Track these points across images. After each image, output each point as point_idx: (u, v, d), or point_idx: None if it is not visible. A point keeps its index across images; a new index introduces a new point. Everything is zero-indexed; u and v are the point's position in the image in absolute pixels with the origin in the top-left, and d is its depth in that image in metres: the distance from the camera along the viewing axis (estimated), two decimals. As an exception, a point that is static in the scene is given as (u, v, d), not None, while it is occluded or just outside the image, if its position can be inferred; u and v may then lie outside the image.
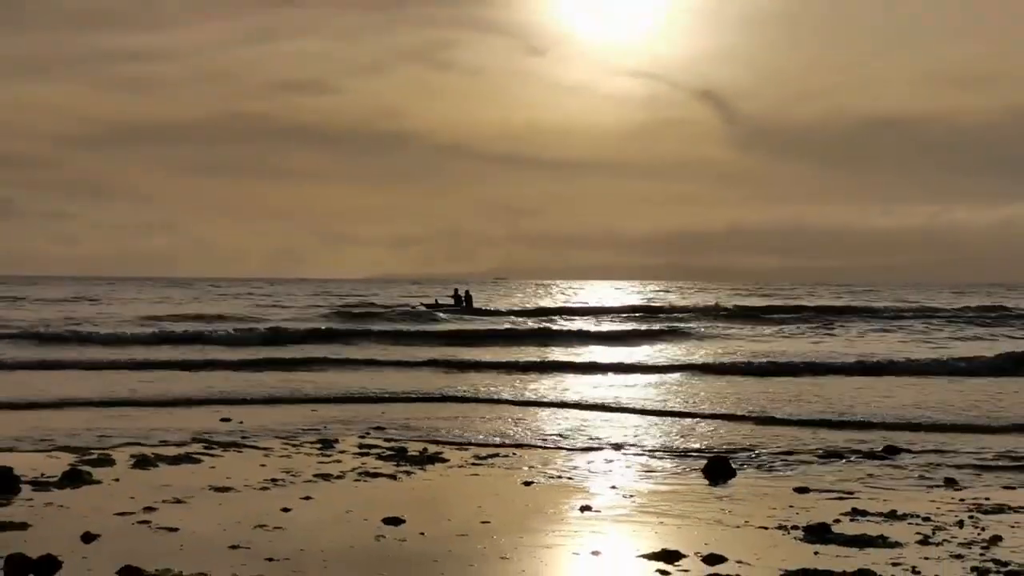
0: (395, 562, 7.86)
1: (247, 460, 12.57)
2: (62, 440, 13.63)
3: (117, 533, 8.59)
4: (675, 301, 76.20)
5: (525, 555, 8.18)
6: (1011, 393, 21.46)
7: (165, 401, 18.62)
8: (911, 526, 9.32)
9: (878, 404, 19.37)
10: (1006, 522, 9.54)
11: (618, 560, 8.09)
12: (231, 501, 10.11)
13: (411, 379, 23.61)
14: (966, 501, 10.60)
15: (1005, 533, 9.03)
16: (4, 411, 16.81)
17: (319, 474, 11.64)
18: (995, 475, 12.25)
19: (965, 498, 10.78)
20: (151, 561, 7.57)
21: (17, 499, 9.93)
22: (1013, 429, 16.09)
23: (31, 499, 9.96)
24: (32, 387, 20.74)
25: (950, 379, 24.41)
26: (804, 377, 24.91)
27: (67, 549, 7.84)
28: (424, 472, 12.04)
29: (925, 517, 9.67)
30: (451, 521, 9.30)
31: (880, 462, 13.11)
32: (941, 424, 16.63)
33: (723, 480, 11.69)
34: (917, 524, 9.39)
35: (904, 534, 8.95)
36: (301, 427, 15.52)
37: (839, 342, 38.63)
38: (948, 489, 11.35)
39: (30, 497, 10.04)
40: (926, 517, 9.67)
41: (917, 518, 9.63)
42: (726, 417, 17.46)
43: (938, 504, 10.40)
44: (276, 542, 8.36)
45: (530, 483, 11.40)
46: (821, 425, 16.51)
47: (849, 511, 9.92)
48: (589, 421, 16.81)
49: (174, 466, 12.03)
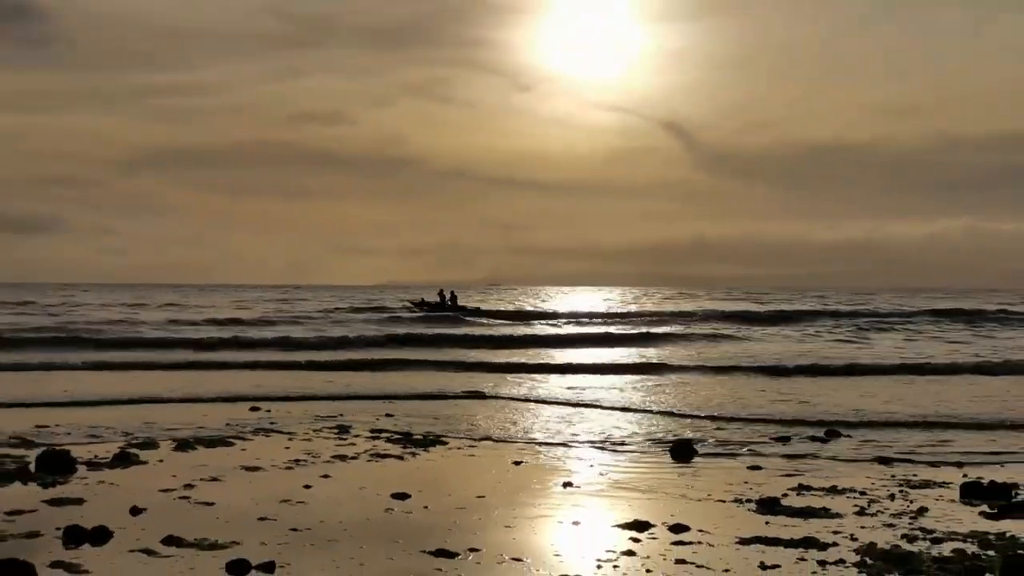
0: (403, 532, 8.10)
1: (273, 444, 12.84)
2: (115, 428, 13.83)
3: (161, 507, 8.82)
4: (650, 306, 76.10)
5: (515, 524, 8.47)
6: (948, 389, 22.21)
7: (209, 397, 18.63)
8: (849, 499, 9.64)
9: (825, 396, 19.98)
10: (931, 496, 9.92)
11: (595, 529, 8.36)
12: (260, 479, 10.38)
13: (414, 377, 24.01)
14: (897, 477, 10.97)
15: (931, 505, 9.41)
16: (95, 407, 16.96)
17: (336, 455, 11.92)
18: (922, 456, 12.60)
19: (896, 475, 11.15)
20: (190, 531, 7.84)
21: (73, 478, 10.18)
22: (938, 423, 16.39)
23: (86, 478, 10.24)
24: (126, 383, 21.11)
25: (896, 377, 24.69)
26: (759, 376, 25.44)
27: (117, 521, 8.10)
28: (427, 453, 12.35)
29: (861, 492, 10.03)
30: (451, 496, 9.60)
31: (822, 445, 13.47)
32: (877, 413, 17.06)
33: (687, 460, 12.00)
34: (855, 498, 9.73)
35: (843, 506, 9.28)
36: (321, 414, 15.87)
37: (791, 342, 39.19)
38: (881, 467, 11.71)
39: (85, 476, 10.31)
40: (862, 492, 10.03)
41: (855, 492, 9.98)
42: (690, 407, 17.87)
43: (873, 480, 10.74)
44: (299, 515, 8.62)
45: (519, 463, 11.73)
46: (773, 412, 16.90)
47: (796, 487, 10.25)
48: (572, 412, 17.21)
49: (210, 449, 12.30)
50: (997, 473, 11.05)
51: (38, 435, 13.19)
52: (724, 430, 14.93)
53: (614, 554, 7.50)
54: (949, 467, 11.83)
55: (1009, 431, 14.91)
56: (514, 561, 7.28)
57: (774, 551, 7.66)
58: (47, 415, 15.21)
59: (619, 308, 72.08)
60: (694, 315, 58.49)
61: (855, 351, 34.29)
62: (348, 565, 7.17)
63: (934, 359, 29.51)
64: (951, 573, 7.06)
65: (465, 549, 7.55)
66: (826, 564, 7.32)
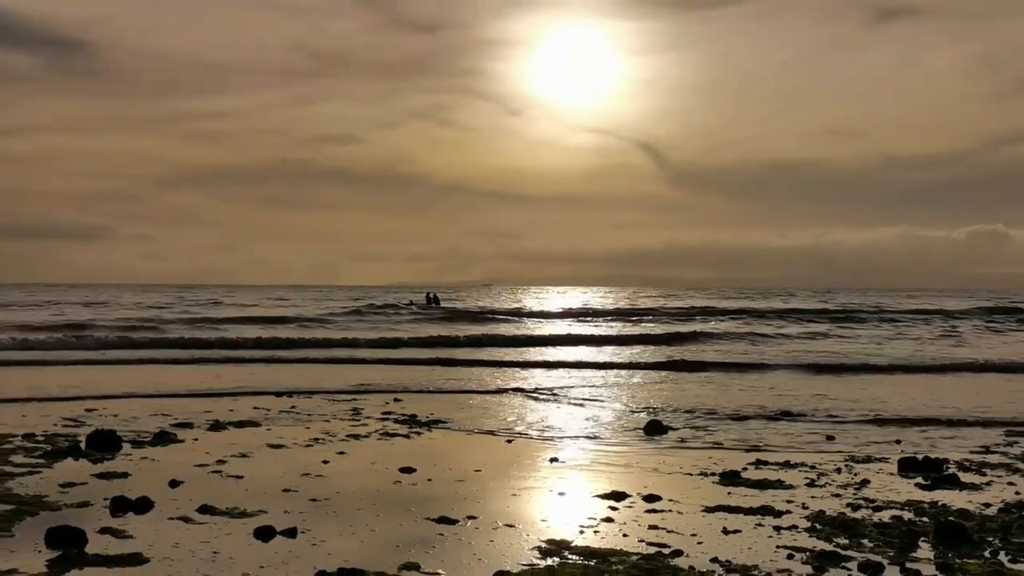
0: (409, 501, 8.10)
1: (296, 425, 12.80)
2: (157, 412, 13.81)
3: (196, 480, 8.81)
4: (627, 304, 76.14)
5: (508, 495, 8.47)
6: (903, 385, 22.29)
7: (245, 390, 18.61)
8: (801, 473, 9.66)
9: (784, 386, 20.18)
10: (872, 469, 9.96)
11: (578, 499, 8.37)
12: (283, 455, 10.37)
13: (419, 371, 24.03)
14: (843, 453, 10.99)
15: (872, 477, 9.44)
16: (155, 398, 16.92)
17: (350, 434, 11.91)
18: (865, 434, 12.64)
19: (842, 451, 11.16)
20: (222, 501, 7.82)
21: (119, 455, 10.18)
22: (887, 422, 16.54)
23: (130, 454, 10.23)
24: (163, 374, 21.09)
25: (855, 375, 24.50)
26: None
27: (158, 492, 8.08)
28: (430, 433, 12.34)
29: (811, 466, 10.05)
30: (451, 470, 9.60)
31: (778, 424, 13.51)
32: (829, 399, 17.13)
33: (658, 437, 12.03)
34: (806, 471, 9.74)
35: (796, 479, 9.29)
36: (337, 399, 15.85)
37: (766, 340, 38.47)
38: (829, 444, 11.76)
39: (129, 453, 10.31)
40: (812, 466, 10.05)
41: (806, 467, 10.00)
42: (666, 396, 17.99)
43: (821, 456, 10.76)
44: (318, 486, 8.62)
45: (511, 441, 11.75)
46: (738, 399, 16.90)
47: (754, 461, 10.26)
48: (559, 399, 17.17)
49: (240, 429, 12.30)
50: (929, 450, 11.10)
51: (88, 417, 13.14)
52: (691, 410, 14.90)
53: (595, 520, 7.51)
54: (888, 444, 11.82)
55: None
56: (507, 527, 7.28)
57: (735, 518, 7.68)
58: (98, 403, 15.19)
59: (598, 305, 71.85)
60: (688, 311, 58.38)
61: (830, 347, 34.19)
62: (362, 530, 7.16)
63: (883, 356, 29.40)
64: (890, 537, 7.05)
65: (464, 516, 7.55)
66: (780, 529, 7.32)
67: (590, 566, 6.17)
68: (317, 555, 6.41)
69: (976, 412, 15.20)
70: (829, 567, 6.29)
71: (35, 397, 15.51)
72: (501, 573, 6.00)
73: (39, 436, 11.25)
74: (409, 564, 6.19)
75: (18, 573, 5.88)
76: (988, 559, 6.52)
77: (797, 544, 6.85)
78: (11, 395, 15.78)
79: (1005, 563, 6.43)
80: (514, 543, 6.79)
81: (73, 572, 5.96)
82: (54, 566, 6.05)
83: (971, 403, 16.61)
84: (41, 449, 10.33)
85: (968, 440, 12.32)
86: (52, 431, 11.75)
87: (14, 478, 8.77)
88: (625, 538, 6.99)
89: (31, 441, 10.92)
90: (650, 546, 6.73)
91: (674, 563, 6.29)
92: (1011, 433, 12.95)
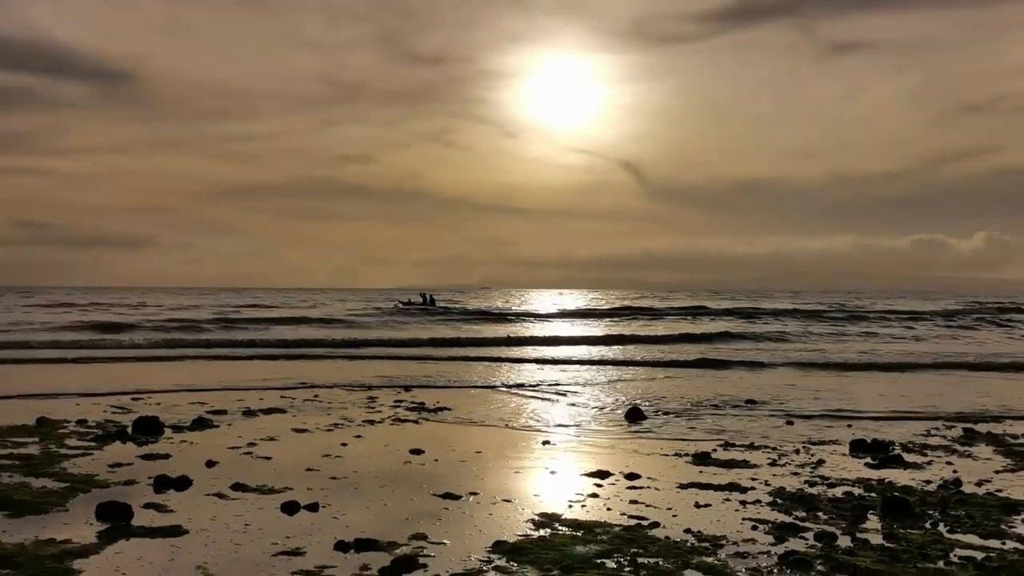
0: (418, 479, 8.11)
1: (318, 411, 12.79)
2: (195, 401, 13.80)
3: (230, 461, 8.82)
4: (606, 305, 75.61)
5: (505, 474, 8.47)
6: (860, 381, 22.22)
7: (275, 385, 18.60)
8: (764, 453, 9.70)
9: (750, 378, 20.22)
10: (827, 450, 9.98)
11: (568, 477, 8.36)
12: (306, 439, 10.36)
13: (426, 366, 23.98)
14: (801, 436, 11.04)
15: (827, 458, 9.46)
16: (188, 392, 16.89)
17: (366, 420, 11.91)
18: (820, 419, 12.60)
19: (801, 434, 11.20)
20: (253, 479, 7.86)
21: (161, 438, 10.20)
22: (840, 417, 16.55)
23: (171, 438, 10.25)
24: (199, 370, 21.00)
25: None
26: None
27: (196, 471, 8.10)
28: (436, 419, 12.30)
29: (773, 447, 10.08)
30: (455, 451, 9.60)
31: (743, 411, 13.53)
32: (788, 387, 17.15)
33: (638, 423, 12.01)
34: (768, 452, 9.78)
35: (759, 459, 9.32)
36: (354, 388, 15.82)
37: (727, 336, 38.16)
38: (788, 428, 11.77)
39: (170, 437, 10.33)
40: (774, 447, 10.09)
41: (768, 448, 10.03)
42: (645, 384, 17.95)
43: (782, 438, 10.81)
44: (337, 466, 8.63)
45: (508, 426, 11.73)
46: (711, 390, 16.91)
47: (723, 443, 10.31)
48: (551, 390, 17.16)
49: (268, 416, 12.28)
50: (877, 434, 11.09)
51: (134, 406, 13.15)
52: (666, 398, 14.91)
53: (582, 496, 7.53)
54: (841, 429, 11.83)
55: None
56: (504, 502, 7.30)
57: (706, 493, 7.71)
58: (143, 394, 15.19)
59: (583, 305, 71.62)
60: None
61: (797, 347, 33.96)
62: (376, 505, 7.17)
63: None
64: (843, 510, 7.08)
65: (467, 492, 7.57)
66: (746, 504, 7.35)
67: (578, 536, 6.21)
68: (337, 527, 6.44)
69: (924, 405, 15.18)
70: (789, 537, 6.31)
71: (86, 392, 15.47)
72: (499, 543, 6.04)
73: (91, 422, 11.26)
74: (418, 535, 6.21)
75: (72, 543, 5.91)
76: (928, 530, 6.56)
77: (760, 517, 6.88)
78: (66, 387, 15.76)
79: (944, 533, 6.48)
80: (511, 516, 6.81)
81: (120, 542, 5.98)
82: (103, 537, 6.09)
83: (923, 400, 16.59)
84: (92, 434, 10.36)
85: (913, 426, 12.32)
86: (102, 418, 11.76)
87: (69, 459, 8.81)
88: (609, 511, 7.01)
89: (84, 427, 10.93)
90: (631, 518, 6.76)
91: (652, 534, 6.32)
92: (950, 418, 12.96)
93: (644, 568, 5.50)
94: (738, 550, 5.95)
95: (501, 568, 5.50)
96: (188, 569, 5.43)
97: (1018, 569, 5.60)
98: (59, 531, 6.18)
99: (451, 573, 5.40)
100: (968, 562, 5.70)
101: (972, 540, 6.27)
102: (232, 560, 5.64)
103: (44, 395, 14.30)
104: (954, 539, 6.28)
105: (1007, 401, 15.33)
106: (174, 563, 5.55)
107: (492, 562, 5.62)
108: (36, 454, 9.05)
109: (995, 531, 6.52)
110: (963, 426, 12.07)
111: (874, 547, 6.02)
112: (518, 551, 5.81)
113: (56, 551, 5.67)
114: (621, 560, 5.65)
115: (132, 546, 5.90)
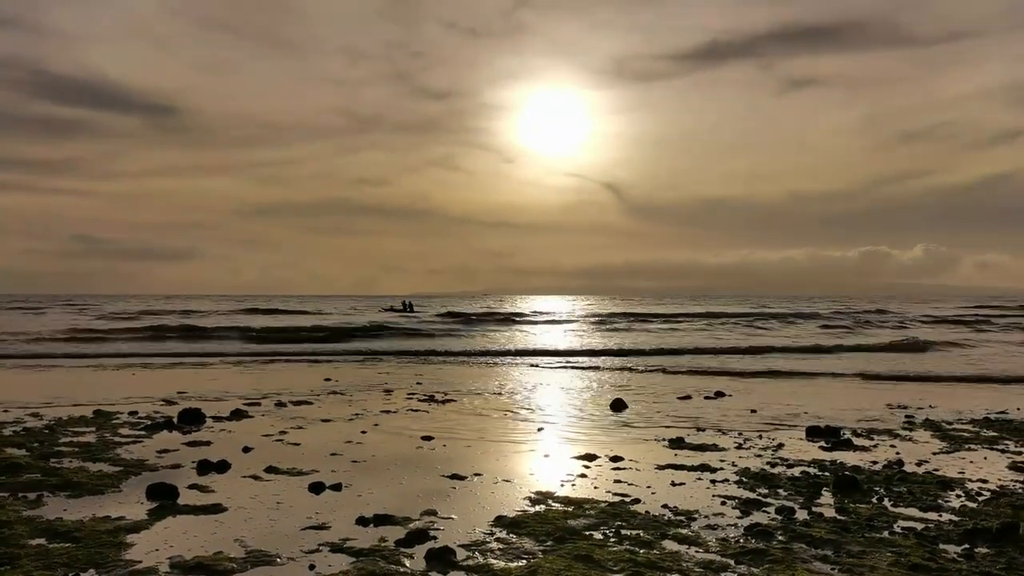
0: (429, 462, 8.09)
1: (340, 403, 12.75)
2: (233, 394, 13.80)
3: (264, 447, 8.81)
4: (595, 309, 75.62)
5: (505, 456, 8.45)
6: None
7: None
8: (731, 438, 9.69)
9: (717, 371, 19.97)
10: (786, 435, 9.96)
11: (559, 459, 8.33)
12: (331, 427, 10.31)
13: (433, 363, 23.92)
14: (763, 421, 11.02)
15: (786, 442, 9.45)
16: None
17: (383, 410, 11.86)
18: (780, 406, 12.52)
19: (763, 419, 11.19)
20: (284, 463, 7.85)
21: (203, 427, 10.19)
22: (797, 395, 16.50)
23: (212, 427, 10.24)
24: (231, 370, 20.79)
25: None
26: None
27: (234, 456, 8.11)
28: (445, 409, 12.24)
29: (739, 432, 10.07)
30: (461, 437, 9.58)
31: (712, 401, 13.50)
32: (758, 386, 17.11)
33: (621, 412, 11.98)
34: (734, 436, 9.77)
35: (727, 443, 9.31)
36: (372, 384, 15.74)
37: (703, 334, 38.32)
38: (752, 415, 11.73)
39: (211, 426, 10.32)
40: (739, 432, 10.08)
41: (735, 433, 10.03)
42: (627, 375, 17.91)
43: (746, 424, 10.80)
44: (358, 451, 8.61)
45: (507, 414, 11.67)
46: (684, 385, 16.90)
47: (695, 429, 10.31)
48: (541, 388, 17.11)
49: (297, 407, 12.20)
50: (831, 422, 11.10)
51: (179, 399, 13.12)
52: (645, 389, 14.86)
53: (572, 476, 7.51)
54: (799, 415, 11.79)
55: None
56: (504, 482, 7.28)
57: (681, 473, 7.70)
58: (187, 388, 15.13)
59: (572, 309, 71.36)
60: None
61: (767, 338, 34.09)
62: (392, 485, 7.15)
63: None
64: (800, 487, 7.08)
65: (471, 474, 7.56)
66: (716, 482, 7.34)
67: (569, 511, 6.21)
68: (358, 504, 6.43)
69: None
70: (753, 511, 6.31)
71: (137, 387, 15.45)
72: (500, 517, 6.04)
73: (141, 414, 11.22)
74: (429, 511, 6.20)
75: (125, 519, 5.90)
76: (875, 504, 6.56)
77: (728, 494, 6.88)
78: (119, 382, 15.72)
79: (888, 507, 6.48)
80: (510, 494, 6.80)
81: (168, 519, 5.96)
82: (153, 514, 6.07)
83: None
84: (143, 424, 10.33)
85: (862, 413, 12.29)
86: (151, 410, 11.73)
87: (121, 446, 8.80)
88: (595, 489, 7.00)
89: (135, 418, 10.90)
90: (615, 496, 6.74)
91: (633, 509, 6.31)
92: (891, 406, 12.96)
93: (627, 539, 5.50)
94: (709, 523, 5.95)
95: (502, 539, 5.50)
96: (228, 542, 5.42)
97: (952, 538, 5.63)
98: (113, 509, 6.18)
99: (458, 544, 5.39)
100: (909, 532, 5.71)
101: (913, 513, 6.27)
102: (267, 533, 5.62)
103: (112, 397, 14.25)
104: (897, 512, 6.29)
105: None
106: (216, 536, 5.54)
107: (494, 534, 5.62)
108: (93, 442, 9.03)
109: (933, 505, 6.53)
110: (906, 414, 12.06)
111: (827, 519, 6.02)
112: (517, 524, 5.81)
113: (111, 527, 5.66)
114: (607, 532, 5.65)
115: (178, 522, 5.89)
